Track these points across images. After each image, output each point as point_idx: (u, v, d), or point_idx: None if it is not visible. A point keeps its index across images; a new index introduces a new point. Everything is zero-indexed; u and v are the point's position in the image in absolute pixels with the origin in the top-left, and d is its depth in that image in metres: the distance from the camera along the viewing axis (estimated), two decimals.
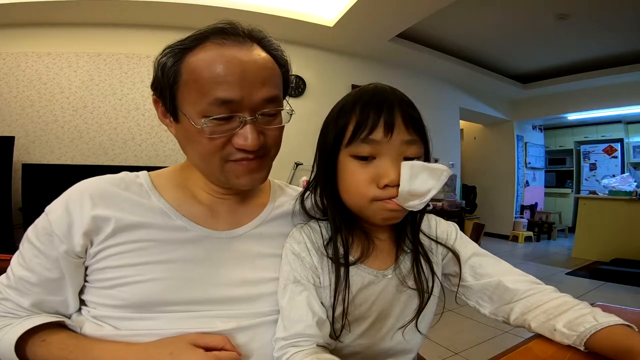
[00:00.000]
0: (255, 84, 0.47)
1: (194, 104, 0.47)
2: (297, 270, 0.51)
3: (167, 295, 0.48)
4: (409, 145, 0.47)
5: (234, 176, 0.51)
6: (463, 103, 4.83)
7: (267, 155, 0.54)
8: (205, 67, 0.46)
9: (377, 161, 0.47)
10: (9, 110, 2.63)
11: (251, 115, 0.48)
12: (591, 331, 0.42)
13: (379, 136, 0.46)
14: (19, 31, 2.68)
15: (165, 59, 0.49)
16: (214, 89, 0.45)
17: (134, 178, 0.56)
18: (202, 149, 0.49)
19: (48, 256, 0.48)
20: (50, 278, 0.49)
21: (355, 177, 0.48)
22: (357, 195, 0.49)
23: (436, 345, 1.92)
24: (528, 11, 2.99)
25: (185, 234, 0.52)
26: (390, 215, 0.48)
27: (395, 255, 0.55)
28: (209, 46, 0.48)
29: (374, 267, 0.53)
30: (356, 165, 0.48)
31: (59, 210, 0.49)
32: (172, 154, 2.97)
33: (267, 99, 0.49)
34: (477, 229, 2.22)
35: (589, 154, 6.17)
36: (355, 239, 0.54)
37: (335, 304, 0.49)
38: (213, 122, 0.46)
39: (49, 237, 0.48)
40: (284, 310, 0.50)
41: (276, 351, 0.48)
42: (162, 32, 2.88)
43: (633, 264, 3.37)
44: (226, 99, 0.46)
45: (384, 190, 0.46)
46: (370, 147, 0.46)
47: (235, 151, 0.49)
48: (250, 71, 0.47)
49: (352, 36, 3.22)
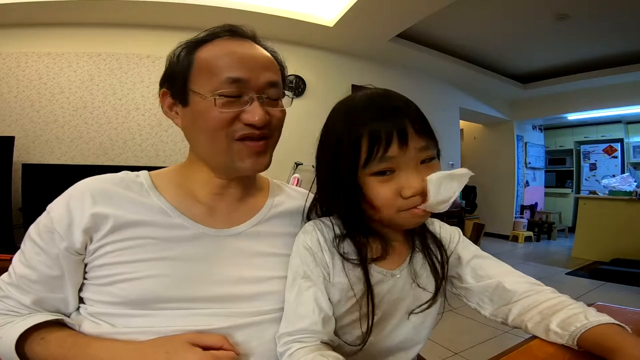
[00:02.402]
0: (260, 68, 0.53)
1: (207, 84, 0.51)
2: (307, 264, 0.52)
3: (165, 292, 0.48)
4: (424, 150, 0.48)
5: (238, 158, 0.53)
6: (463, 103, 4.83)
7: (270, 138, 0.56)
8: (217, 55, 0.52)
9: (397, 174, 0.48)
10: (9, 110, 2.63)
11: (258, 94, 0.52)
12: (581, 330, 0.42)
13: (394, 152, 0.46)
14: (19, 31, 2.68)
15: (179, 50, 0.55)
16: (225, 69, 0.51)
17: (134, 177, 0.56)
18: (211, 124, 0.51)
19: (49, 253, 0.49)
20: (51, 275, 0.49)
21: (380, 194, 0.48)
22: (385, 210, 0.49)
23: (436, 345, 1.92)
24: (528, 11, 2.99)
25: (183, 232, 0.52)
26: (419, 220, 0.50)
27: (407, 255, 0.56)
28: (218, 41, 0.54)
29: (384, 267, 0.53)
30: (377, 182, 0.48)
31: (61, 208, 0.49)
32: (172, 154, 2.97)
33: (271, 83, 0.54)
34: (477, 229, 2.22)
35: (589, 154, 6.17)
36: (371, 239, 0.54)
37: (367, 308, 0.50)
38: (224, 98, 0.51)
39: (51, 234, 0.49)
40: (290, 305, 0.50)
41: (280, 346, 0.48)
42: (162, 32, 2.88)
43: (633, 264, 3.36)
44: (235, 77, 0.51)
45: (409, 200, 0.47)
46: (387, 163, 0.47)
47: (243, 127, 0.52)
48: (255, 58, 0.54)
49: (352, 36, 3.22)
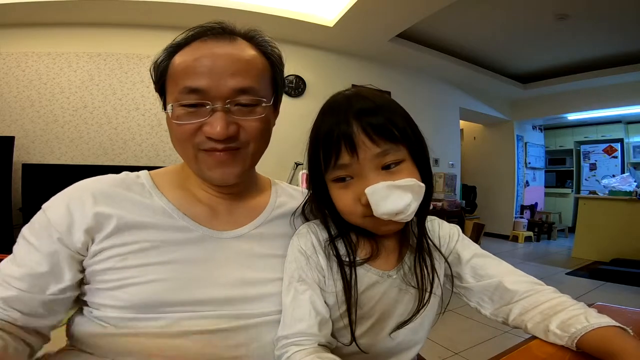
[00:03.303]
0: (224, 74, 0.49)
1: (170, 93, 0.51)
2: (302, 268, 0.51)
3: (170, 296, 0.48)
4: (382, 156, 0.46)
5: (206, 167, 0.52)
6: (463, 103, 4.83)
7: (243, 149, 0.52)
8: (182, 62, 0.50)
9: (355, 180, 0.47)
10: (9, 110, 2.63)
11: (222, 104, 0.49)
12: (582, 332, 0.42)
13: (346, 159, 0.46)
14: (19, 31, 2.68)
15: (161, 55, 0.54)
16: (184, 78, 0.49)
17: (135, 178, 0.56)
18: (174, 135, 0.52)
19: (42, 251, 0.47)
20: (38, 272, 0.46)
21: (341, 199, 0.49)
22: (349, 215, 0.50)
23: (436, 345, 1.92)
24: (528, 11, 2.99)
25: (187, 235, 0.52)
26: (388, 228, 0.49)
27: (399, 256, 0.55)
28: (194, 44, 0.51)
29: (379, 268, 0.53)
30: (338, 187, 0.49)
31: (60, 208, 0.48)
32: (172, 154, 2.97)
33: (238, 89, 0.49)
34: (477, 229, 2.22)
35: (589, 154, 6.17)
36: (361, 239, 0.54)
37: (350, 306, 0.49)
38: (181, 108, 0.49)
39: (48, 232, 0.47)
40: (287, 308, 0.50)
41: (277, 349, 0.48)
42: (162, 32, 2.86)
43: (633, 264, 3.36)
44: (193, 87, 0.48)
45: (368, 207, 0.46)
46: (343, 170, 0.47)
47: (206, 140, 0.50)
48: (220, 63, 0.49)
49: (352, 36, 3.22)
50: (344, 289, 0.50)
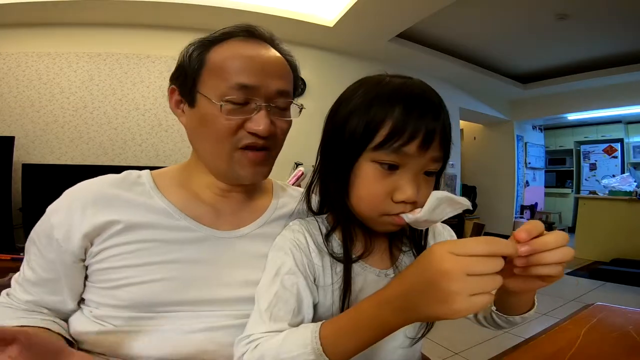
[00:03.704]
0: (273, 75, 0.52)
1: (215, 87, 0.50)
2: (288, 263, 0.48)
3: (171, 295, 0.48)
4: (436, 161, 0.46)
5: (239, 166, 0.52)
6: (463, 103, 4.82)
7: (273, 149, 0.55)
8: (229, 57, 0.51)
9: (399, 173, 0.44)
10: (9, 110, 2.63)
11: (266, 102, 0.51)
12: None
13: (412, 150, 0.42)
14: (19, 31, 2.67)
15: (192, 48, 0.53)
16: (236, 75, 0.49)
17: (136, 178, 0.56)
18: (216, 130, 0.50)
19: (46, 257, 0.49)
20: (47, 278, 0.50)
21: (373, 187, 0.45)
22: (369, 206, 0.46)
23: (436, 345, 1.92)
24: (528, 11, 2.99)
25: (189, 234, 0.52)
26: (393, 228, 0.48)
27: (399, 255, 0.55)
28: (233, 42, 0.53)
29: (376, 267, 0.52)
30: (376, 173, 0.44)
31: (60, 213, 0.49)
32: (172, 154, 2.97)
33: (281, 91, 0.52)
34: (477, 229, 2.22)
35: (589, 154, 6.17)
36: (358, 234, 0.53)
37: (344, 303, 0.48)
38: (231, 105, 0.49)
39: (48, 239, 0.49)
40: (269, 304, 0.46)
41: (243, 346, 0.44)
42: (162, 32, 2.87)
43: (633, 264, 3.36)
44: (245, 84, 0.49)
45: (397, 205, 0.44)
46: (398, 158, 0.43)
47: (246, 136, 0.51)
48: (269, 64, 0.52)
49: (352, 36, 3.22)
50: (340, 286, 0.48)
